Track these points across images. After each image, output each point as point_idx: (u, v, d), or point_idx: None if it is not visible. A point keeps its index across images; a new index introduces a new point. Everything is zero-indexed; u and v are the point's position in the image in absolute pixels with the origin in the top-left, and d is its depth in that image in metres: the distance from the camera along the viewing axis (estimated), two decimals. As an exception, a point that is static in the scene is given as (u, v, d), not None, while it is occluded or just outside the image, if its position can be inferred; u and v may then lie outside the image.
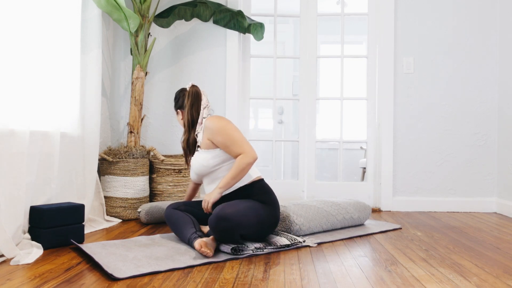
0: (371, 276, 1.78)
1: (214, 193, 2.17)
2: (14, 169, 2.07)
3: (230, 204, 2.09)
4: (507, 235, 2.56)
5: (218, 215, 2.01)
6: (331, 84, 5.48)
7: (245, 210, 2.08)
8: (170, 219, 2.31)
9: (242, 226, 2.05)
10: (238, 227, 2.04)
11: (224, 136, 2.18)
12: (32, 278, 1.70)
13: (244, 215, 2.06)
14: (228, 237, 2.07)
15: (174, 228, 2.29)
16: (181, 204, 2.39)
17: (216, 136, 2.20)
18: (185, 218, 2.26)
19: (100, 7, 2.83)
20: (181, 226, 2.23)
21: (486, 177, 3.47)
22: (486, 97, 3.47)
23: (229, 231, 2.03)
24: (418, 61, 3.50)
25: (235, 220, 2.01)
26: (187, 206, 2.38)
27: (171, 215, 2.31)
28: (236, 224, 2.02)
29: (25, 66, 2.16)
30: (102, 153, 3.01)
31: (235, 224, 2.02)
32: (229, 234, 2.05)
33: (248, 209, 2.10)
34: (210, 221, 2.03)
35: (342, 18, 3.65)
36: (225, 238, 2.07)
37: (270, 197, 2.24)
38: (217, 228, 2.02)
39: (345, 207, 2.70)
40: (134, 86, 3.14)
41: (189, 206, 2.38)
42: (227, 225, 2.00)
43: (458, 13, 3.48)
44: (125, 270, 1.78)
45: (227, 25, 3.40)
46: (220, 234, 2.04)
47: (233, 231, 2.04)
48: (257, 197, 2.21)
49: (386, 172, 3.48)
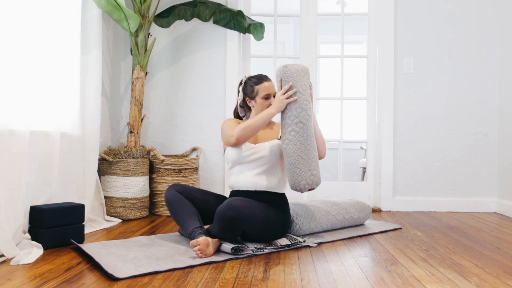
0: (371, 276, 1.78)
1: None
2: (14, 169, 2.07)
3: (243, 199, 2.12)
4: (507, 235, 2.56)
5: (229, 204, 2.04)
6: (331, 84, 5.47)
7: (255, 208, 2.12)
8: (172, 204, 2.25)
9: (248, 221, 2.06)
10: (243, 221, 2.05)
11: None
12: (32, 278, 1.70)
13: (253, 212, 2.09)
14: (230, 230, 2.08)
15: (175, 213, 2.24)
16: (186, 189, 2.32)
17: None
18: (191, 208, 2.23)
19: (100, 7, 2.83)
20: (184, 215, 2.20)
21: (486, 177, 3.47)
22: (486, 97, 3.47)
23: (234, 223, 2.04)
24: (418, 61, 3.50)
25: (243, 212, 2.03)
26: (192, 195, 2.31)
27: (175, 199, 2.25)
28: (243, 217, 2.04)
29: (25, 66, 2.16)
30: (102, 153, 3.01)
31: (242, 216, 2.03)
32: (232, 227, 2.06)
33: (259, 208, 2.14)
34: (219, 209, 2.05)
35: (342, 18, 3.65)
36: (227, 230, 2.07)
37: (286, 208, 2.36)
38: (224, 217, 2.03)
39: (345, 207, 2.70)
40: (134, 86, 3.14)
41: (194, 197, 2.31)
42: (234, 215, 2.02)
43: (458, 13, 3.48)
44: (125, 270, 1.78)
45: (227, 25, 3.40)
46: (224, 224, 2.05)
47: (238, 223, 2.05)
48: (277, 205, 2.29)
49: (386, 172, 3.48)
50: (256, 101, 2.34)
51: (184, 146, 3.52)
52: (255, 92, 2.33)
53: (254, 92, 2.33)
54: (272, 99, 2.33)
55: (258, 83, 2.33)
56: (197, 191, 2.35)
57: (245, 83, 2.39)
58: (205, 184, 3.49)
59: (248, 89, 2.36)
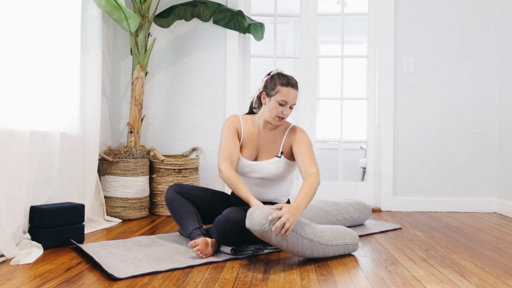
0: (371, 276, 1.78)
1: (298, 213, 1.89)
2: (14, 169, 2.07)
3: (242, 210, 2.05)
4: (507, 235, 2.56)
5: (227, 216, 1.99)
6: (331, 84, 5.48)
7: None
8: (172, 204, 2.24)
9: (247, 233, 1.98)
10: (242, 233, 1.99)
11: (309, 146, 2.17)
12: (32, 278, 1.70)
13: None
14: (230, 240, 2.05)
15: (175, 213, 2.23)
16: (186, 189, 2.29)
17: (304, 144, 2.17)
18: (190, 208, 2.21)
19: (100, 7, 2.83)
20: (184, 215, 2.19)
21: (486, 177, 3.47)
22: (486, 97, 3.47)
23: (233, 235, 2.01)
24: (418, 61, 3.50)
25: (242, 225, 1.94)
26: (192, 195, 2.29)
27: (175, 200, 2.24)
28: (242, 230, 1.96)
29: (25, 66, 2.16)
30: (102, 153, 3.01)
31: (242, 229, 1.96)
32: (232, 238, 2.03)
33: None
34: (218, 221, 2.02)
35: (342, 18, 3.65)
36: (227, 240, 2.05)
37: None
38: (223, 229, 2.00)
39: (345, 207, 2.70)
40: (134, 86, 3.14)
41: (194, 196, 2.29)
42: (232, 229, 1.98)
43: (458, 13, 3.47)
44: (125, 270, 1.78)
45: (227, 25, 3.40)
46: (223, 235, 2.02)
47: (237, 235, 2.02)
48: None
49: (386, 172, 3.48)
50: (271, 101, 2.13)
51: (184, 146, 3.52)
52: (275, 91, 2.12)
53: (275, 90, 2.12)
54: (287, 107, 2.13)
55: (285, 84, 2.11)
56: (196, 190, 2.34)
57: (272, 76, 2.18)
58: (205, 184, 3.49)
59: (271, 85, 2.14)
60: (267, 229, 1.69)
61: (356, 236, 2.11)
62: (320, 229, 1.99)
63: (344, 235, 2.06)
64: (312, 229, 1.94)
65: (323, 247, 1.95)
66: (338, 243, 2.01)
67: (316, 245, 1.92)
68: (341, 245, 2.03)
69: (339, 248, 2.02)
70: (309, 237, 1.89)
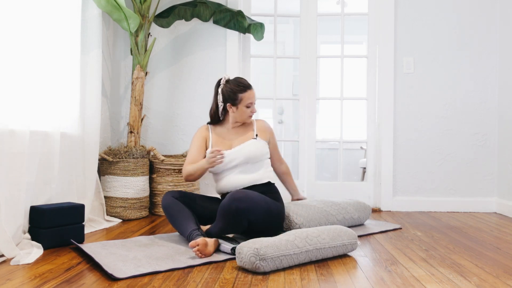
0: (371, 276, 1.78)
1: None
2: (14, 169, 2.07)
3: (245, 190, 2.19)
4: (507, 235, 2.56)
5: (233, 196, 2.10)
6: (331, 84, 5.48)
7: (256, 197, 2.17)
8: (169, 209, 2.27)
9: (252, 210, 2.10)
10: (248, 210, 2.09)
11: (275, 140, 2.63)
12: (32, 278, 1.70)
13: (255, 201, 2.13)
14: (235, 224, 2.11)
15: (172, 218, 2.26)
16: (181, 195, 2.34)
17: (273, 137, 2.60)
18: (187, 212, 2.25)
19: (100, 7, 2.83)
20: (181, 219, 2.23)
21: (486, 177, 3.47)
22: (486, 97, 3.47)
23: (240, 214, 2.08)
24: (418, 61, 3.50)
25: (246, 202, 2.08)
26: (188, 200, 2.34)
27: (172, 205, 2.27)
28: (247, 206, 2.08)
29: (25, 66, 2.16)
30: (102, 153, 3.01)
31: (246, 206, 2.08)
32: (238, 219, 2.09)
33: (259, 196, 2.20)
34: (223, 204, 2.11)
35: (342, 18, 3.65)
36: (233, 224, 2.12)
37: (280, 196, 2.44)
38: (229, 209, 2.08)
39: (345, 207, 2.70)
40: (134, 86, 3.14)
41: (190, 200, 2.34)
42: (239, 206, 2.06)
43: (458, 13, 3.47)
44: (125, 270, 1.78)
45: (227, 25, 3.40)
46: (229, 218, 2.09)
47: (243, 214, 2.08)
48: (270, 194, 2.36)
49: (386, 172, 3.48)
50: (238, 108, 2.41)
51: (184, 146, 3.52)
52: (238, 100, 2.39)
53: (238, 99, 2.39)
54: (253, 106, 2.44)
55: (243, 91, 2.40)
56: (193, 196, 2.39)
57: (229, 89, 2.41)
58: (205, 184, 3.49)
59: (231, 95, 2.39)
60: (258, 265, 1.78)
61: (354, 235, 2.12)
62: (316, 233, 2.02)
63: (341, 235, 2.07)
64: (305, 238, 1.96)
65: (320, 251, 1.98)
66: (336, 244, 2.03)
67: (312, 252, 1.96)
68: (339, 246, 2.05)
69: (337, 249, 2.04)
70: (304, 249, 1.93)
